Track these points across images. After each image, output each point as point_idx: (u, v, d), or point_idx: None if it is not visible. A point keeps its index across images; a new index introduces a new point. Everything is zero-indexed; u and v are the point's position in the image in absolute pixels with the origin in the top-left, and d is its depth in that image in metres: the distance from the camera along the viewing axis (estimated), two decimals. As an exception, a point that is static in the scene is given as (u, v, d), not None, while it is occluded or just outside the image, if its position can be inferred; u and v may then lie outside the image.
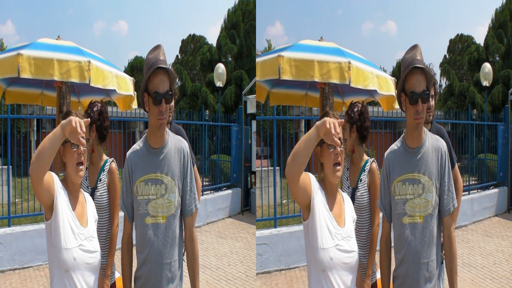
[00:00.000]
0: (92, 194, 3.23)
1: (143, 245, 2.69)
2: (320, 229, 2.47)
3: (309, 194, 2.48)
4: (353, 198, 3.39)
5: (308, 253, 2.55)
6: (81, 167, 2.58)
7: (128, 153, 2.75)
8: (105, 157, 3.40)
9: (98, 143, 3.39)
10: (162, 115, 2.63)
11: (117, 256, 2.75)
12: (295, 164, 2.35)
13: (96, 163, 3.37)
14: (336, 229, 2.51)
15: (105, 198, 3.29)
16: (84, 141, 2.29)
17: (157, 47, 2.77)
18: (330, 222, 2.50)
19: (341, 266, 2.48)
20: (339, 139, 2.53)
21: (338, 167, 2.56)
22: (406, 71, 2.62)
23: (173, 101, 3.15)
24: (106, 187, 3.30)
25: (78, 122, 2.23)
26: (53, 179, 2.47)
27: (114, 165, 3.36)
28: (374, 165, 3.48)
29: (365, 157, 3.52)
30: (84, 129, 2.26)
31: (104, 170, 3.33)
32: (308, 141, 2.30)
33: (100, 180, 3.31)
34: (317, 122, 2.27)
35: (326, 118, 2.23)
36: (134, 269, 2.81)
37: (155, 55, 2.69)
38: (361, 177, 3.46)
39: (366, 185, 3.44)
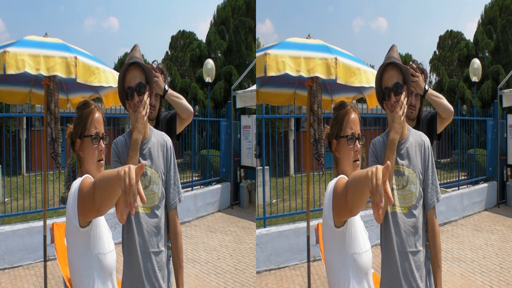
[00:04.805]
0: None
1: (128, 234, 2.70)
2: (361, 233, 2.39)
3: None
4: None
5: (341, 259, 2.34)
6: (102, 162, 2.48)
7: (113, 141, 2.77)
8: None
9: None
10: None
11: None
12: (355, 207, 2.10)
13: None
14: (364, 228, 2.49)
15: None
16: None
17: (133, 48, 2.84)
18: (361, 224, 2.46)
19: (372, 262, 2.46)
20: (358, 135, 2.49)
21: (357, 163, 2.50)
22: (379, 71, 2.66)
23: (154, 98, 3.17)
24: None
25: (130, 179, 1.65)
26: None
27: None
28: None
29: None
30: (135, 180, 1.66)
31: None
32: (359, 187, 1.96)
33: None
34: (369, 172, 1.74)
35: (372, 171, 1.70)
36: (120, 261, 2.79)
37: (130, 56, 2.76)
38: None
39: None
